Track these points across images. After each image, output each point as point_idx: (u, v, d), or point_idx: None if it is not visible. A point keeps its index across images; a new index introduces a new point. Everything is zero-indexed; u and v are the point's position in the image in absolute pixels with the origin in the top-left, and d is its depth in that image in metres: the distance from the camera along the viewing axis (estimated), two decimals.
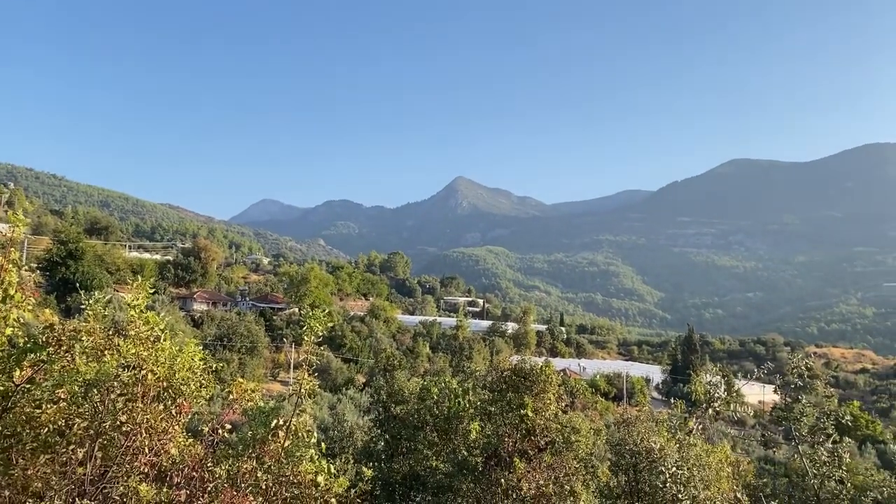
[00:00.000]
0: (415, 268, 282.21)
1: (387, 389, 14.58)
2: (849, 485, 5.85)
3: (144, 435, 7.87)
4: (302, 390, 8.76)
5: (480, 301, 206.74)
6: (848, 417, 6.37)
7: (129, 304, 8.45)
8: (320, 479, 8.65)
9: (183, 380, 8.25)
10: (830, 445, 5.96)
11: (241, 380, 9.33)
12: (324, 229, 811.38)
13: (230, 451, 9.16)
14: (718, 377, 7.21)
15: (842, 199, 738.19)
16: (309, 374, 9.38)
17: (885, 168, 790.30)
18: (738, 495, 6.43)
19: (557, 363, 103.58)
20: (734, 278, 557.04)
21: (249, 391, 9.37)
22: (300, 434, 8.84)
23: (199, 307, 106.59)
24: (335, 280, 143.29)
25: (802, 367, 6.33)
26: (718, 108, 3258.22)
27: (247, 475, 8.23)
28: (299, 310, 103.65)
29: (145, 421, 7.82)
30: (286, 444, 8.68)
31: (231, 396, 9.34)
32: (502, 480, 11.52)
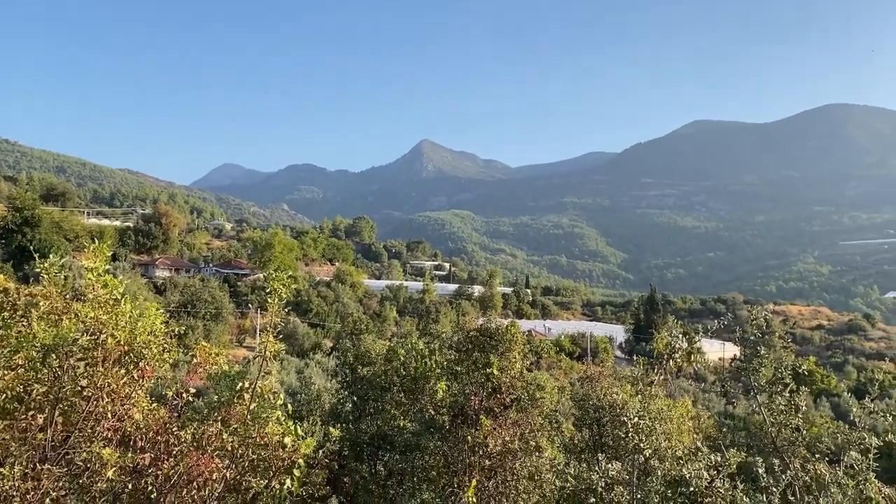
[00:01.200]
0: (381, 232, 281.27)
1: (353, 352, 14.60)
2: (805, 432, 6.03)
3: (106, 400, 7.77)
4: (267, 353, 8.71)
5: (447, 265, 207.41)
6: (804, 368, 6.56)
7: (86, 269, 8.26)
8: (287, 440, 8.66)
9: (144, 344, 8.12)
10: (787, 395, 6.12)
11: (204, 344, 9.24)
12: (287, 194, 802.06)
13: (195, 415, 9.11)
14: (679, 333, 7.34)
15: (801, 160, 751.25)
16: (274, 338, 9.33)
17: (844, 129, 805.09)
18: (699, 444, 6.61)
19: (523, 324, 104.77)
20: (696, 238, 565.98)
21: (214, 355, 9.29)
22: (266, 396, 8.81)
23: (161, 274, 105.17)
24: (300, 245, 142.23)
25: (761, 320, 6.46)
26: (682, 71, 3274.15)
27: (212, 438, 8.19)
28: (264, 276, 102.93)
29: (107, 386, 7.71)
30: (252, 407, 8.66)
31: (195, 361, 9.25)
32: (469, 438, 11.66)
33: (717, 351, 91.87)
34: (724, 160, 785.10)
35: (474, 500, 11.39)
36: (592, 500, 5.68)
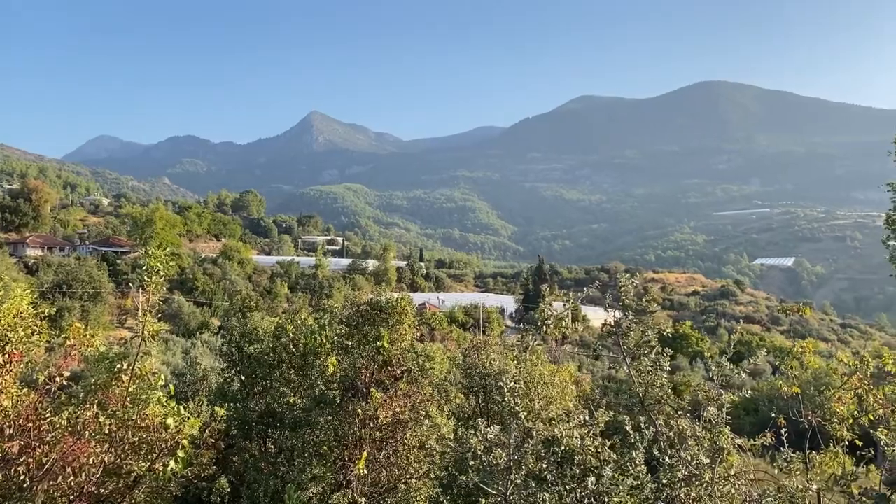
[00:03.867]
0: (270, 207, 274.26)
1: (239, 329, 14.31)
2: (669, 390, 6.49)
3: None
4: (145, 333, 8.44)
5: (340, 239, 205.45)
6: (669, 331, 7.04)
7: None
8: (170, 421, 8.46)
9: (10, 326, 7.69)
10: (653, 356, 6.55)
11: (77, 324, 8.83)
12: (169, 167, 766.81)
13: (71, 400, 8.73)
14: (552, 301, 7.69)
15: (677, 135, 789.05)
16: (153, 317, 9.04)
17: (716, 105, 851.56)
18: (570, 405, 7.01)
19: (417, 297, 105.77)
20: (581, 211, 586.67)
21: (88, 336, 8.90)
22: (146, 377, 8.56)
23: (32, 253, 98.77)
24: (183, 221, 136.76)
25: (629, 286, 6.86)
26: (567, 47, 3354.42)
27: (89, 422, 7.89)
28: (145, 253, 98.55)
29: None
30: (131, 389, 8.39)
31: (68, 342, 8.83)
32: (359, 411, 11.74)
33: (602, 318, 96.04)
34: (607, 135, 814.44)
35: (365, 471, 11.53)
36: (472, 463, 5.91)
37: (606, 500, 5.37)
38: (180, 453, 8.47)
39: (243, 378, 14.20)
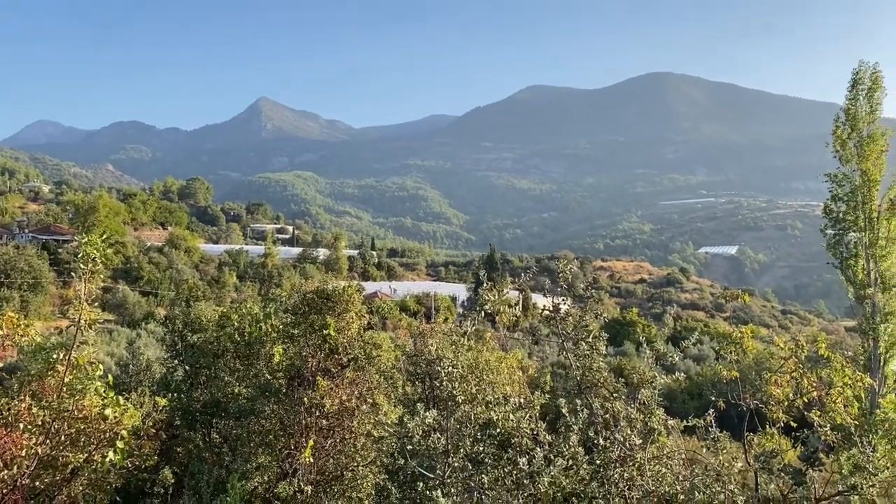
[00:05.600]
0: (217, 194, 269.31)
1: (182, 319, 14.10)
2: (605, 373, 6.66)
3: None
4: (81, 322, 8.25)
5: (290, 228, 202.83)
6: (606, 315, 7.23)
7: None
8: (108, 412, 8.32)
9: None
10: (591, 339, 6.70)
11: (11, 313, 8.58)
12: (112, 153, 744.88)
13: (6, 392, 8.50)
14: (490, 288, 7.79)
15: (626, 125, 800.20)
16: (90, 306, 8.84)
17: (664, 95, 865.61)
18: (516, 390, 7.15)
19: (369, 286, 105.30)
20: (532, 200, 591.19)
21: (23, 326, 8.66)
22: (83, 367, 8.39)
23: None
24: (128, 209, 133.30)
25: (567, 273, 6.99)
26: (519, 35, 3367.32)
27: (22, 413, 7.70)
28: (81, 240, 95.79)
29: None
30: (67, 379, 8.21)
31: (1, 333, 8.59)
32: (305, 399, 11.71)
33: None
34: (557, 125, 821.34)
35: (311, 459, 11.51)
36: (409, 448, 5.98)
37: (538, 479, 5.51)
38: (119, 444, 8.34)
39: (187, 368, 14.02)
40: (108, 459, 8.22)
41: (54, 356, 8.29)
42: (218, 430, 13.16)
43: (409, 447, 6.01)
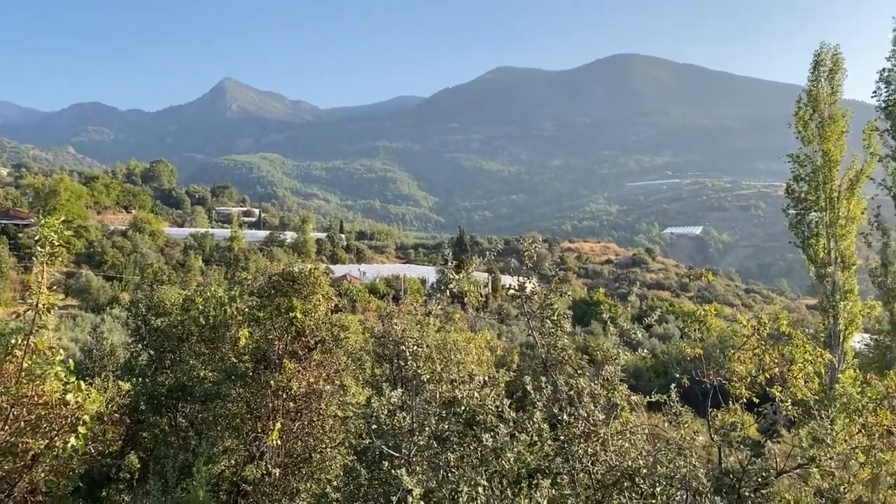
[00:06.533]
0: (182, 177, 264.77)
1: (146, 302, 13.91)
2: (570, 351, 6.72)
3: None
4: (39, 305, 8.09)
5: (256, 211, 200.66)
6: (571, 294, 7.28)
7: None
8: (69, 397, 8.19)
9: None
10: (555, 318, 6.76)
11: None
12: (73, 136, 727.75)
13: None
14: (450, 268, 7.82)
15: (592, 106, 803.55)
16: (50, 290, 8.67)
17: (629, 77, 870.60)
18: (474, 367, 7.21)
19: (338, 269, 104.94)
20: (500, 182, 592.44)
21: None
22: (42, 352, 8.24)
23: None
24: (90, 192, 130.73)
25: (532, 252, 7.03)
26: (486, 15, 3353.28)
27: None
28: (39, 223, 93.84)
29: None
30: (26, 364, 8.06)
31: None
32: (272, 382, 11.66)
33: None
34: (525, 106, 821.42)
35: (279, 442, 11.48)
36: (374, 427, 5.99)
37: (503, 456, 5.57)
38: (81, 430, 8.23)
39: (151, 352, 13.85)
40: (69, 445, 8.11)
41: (12, 341, 8.13)
42: (184, 414, 13.05)
43: (375, 427, 6.02)
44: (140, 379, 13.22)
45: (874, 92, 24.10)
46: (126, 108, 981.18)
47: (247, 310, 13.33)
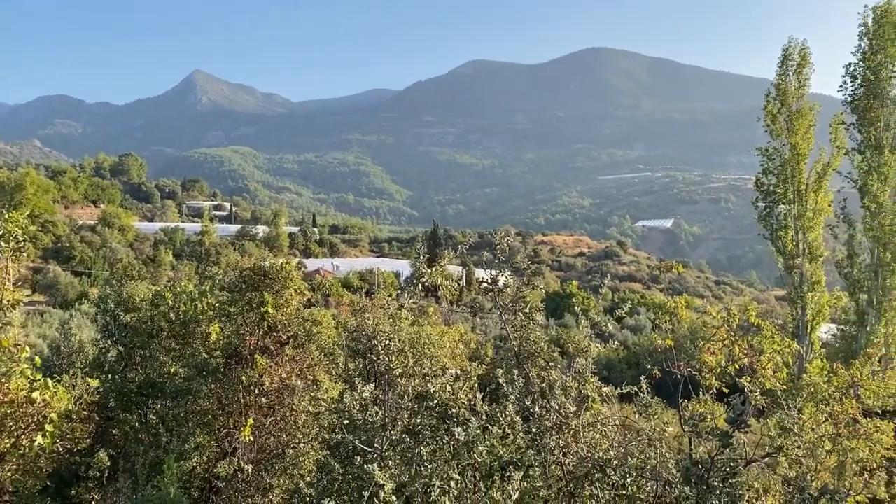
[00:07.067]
0: (152, 171, 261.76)
1: (114, 298, 13.69)
2: (542, 343, 6.75)
3: None
4: (4, 302, 7.94)
5: (228, 205, 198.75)
6: (543, 287, 7.34)
7: None
8: (36, 395, 8.05)
9: None
10: (528, 310, 6.79)
11: None
12: (39, 129, 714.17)
13: None
14: (422, 262, 7.82)
15: (565, 100, 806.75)
16: (15, 286, 8.51)
17: (602, 71, 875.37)
18: (447, 361, 7.24)
19: (311, 263, 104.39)
20: (474, 175, 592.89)
21: None
22: (7, 349, 8.08)
23: None
24: (58, 186, 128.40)
25: (504, 245, 7.04)
26: (458, 8, 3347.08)
27: None
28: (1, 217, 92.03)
29: None
30: None
31: None
32: (244, 378, 11.56)
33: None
34: (499, 99, 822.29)
35: (251, 438, 11.40)
36: (346, 423, 5.97)
37: (475, 449, 5.58)
38: (49, 428, 8.11)
39: (121, 348, 13.66)
40: (36, 444, 7.99)
41: None
42: (154, 410, 12.89)
43: (347, 422, 6.00)
44: (109, 376, 13.03)
45: (841, 86, 24.57)
46: (94, 101, 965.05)
47: (218, 305, 13.19)
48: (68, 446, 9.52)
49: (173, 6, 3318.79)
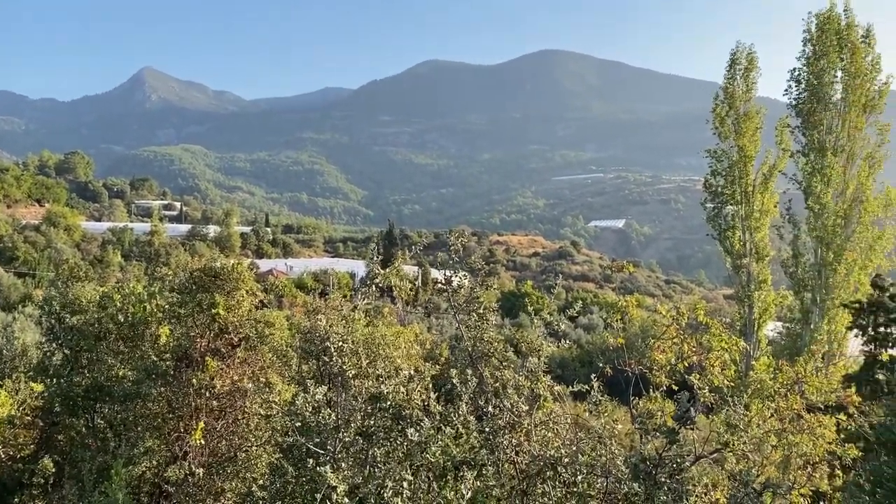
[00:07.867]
0: (99, 169, 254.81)
1: (60, 300, 13.33)
2: (496, 343, 6.81)
3: None
4: None
5: (178, 204, 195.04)
6: (497, 287, 7.41)
7: None
8: None
9: None
10: (481, 310, 6.84)
11: None
12: None
13: None
14: (375, 263, 7.83)
15: (520, 101, 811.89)
16: None
17: (556, 72, 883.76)
18: (401, 362, 7.26)
19: (264, 264, 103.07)
20: (429, 175, 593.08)
21: None
22: None
23: None
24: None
25: (458, 246, 7.09)
26: (413, 7, 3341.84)
27: None
28: None
29: None
30: None
31: None
32: (194, 380, 11.39)
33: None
34: (454, 100, 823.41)
35: (202, 441, 11.22)
36: (299, 424, 5.94)
37: (428, 449, 5.60)
38: None
39: (67, 351, 13.30)
40: None
41: None
42: (102, 415, 12.59)
43: (299, 424, 5.96)
44: (54, 379, 12.68)
45: (786, 90, 25.32)
46: (38, 97, 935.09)
47: (167, 307, 12.97)
48: (11, 453, 9.26)
49: (121, 1, 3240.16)
